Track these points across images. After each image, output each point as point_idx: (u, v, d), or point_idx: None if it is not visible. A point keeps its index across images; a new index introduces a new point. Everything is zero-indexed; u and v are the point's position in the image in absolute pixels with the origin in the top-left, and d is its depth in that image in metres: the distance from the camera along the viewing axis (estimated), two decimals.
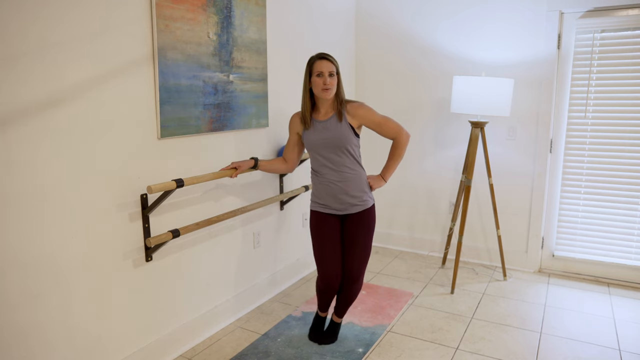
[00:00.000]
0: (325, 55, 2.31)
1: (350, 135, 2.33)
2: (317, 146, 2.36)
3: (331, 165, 2.35)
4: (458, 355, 2.48)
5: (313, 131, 2.37)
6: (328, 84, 2.27)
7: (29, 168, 1.72)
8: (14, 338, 1.73)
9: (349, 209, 2.38)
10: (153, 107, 2.18)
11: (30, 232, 1.74)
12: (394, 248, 4.15)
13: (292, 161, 2.58)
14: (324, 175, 2.37)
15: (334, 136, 2.31)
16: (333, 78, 2.29)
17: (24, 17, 1.65)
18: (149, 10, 2.09)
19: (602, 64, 3.27)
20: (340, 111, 2.33)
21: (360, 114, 2.35)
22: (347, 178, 2.35)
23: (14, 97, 1.65)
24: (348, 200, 2.37)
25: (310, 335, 2.61)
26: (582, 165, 3.42)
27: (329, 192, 2.37)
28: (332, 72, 2.28)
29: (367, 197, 2.42)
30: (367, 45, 4.02)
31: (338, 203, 2.38)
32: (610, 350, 2.53)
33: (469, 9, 3.58)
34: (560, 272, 3.58)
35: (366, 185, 2.42)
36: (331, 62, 2.29)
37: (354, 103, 2.37)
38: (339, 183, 2.35)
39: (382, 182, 2.49)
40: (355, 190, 2.37)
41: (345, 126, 2.32)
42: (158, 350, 2.33)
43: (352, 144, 2.34)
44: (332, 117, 2.34)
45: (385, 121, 2.40)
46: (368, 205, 2.41)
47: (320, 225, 2.42)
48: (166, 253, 2.34)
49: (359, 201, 2.38)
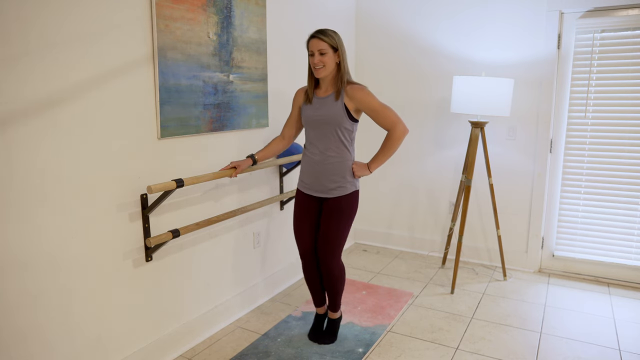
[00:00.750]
0: (317, 33, 2.25)
1: (343, 116, 2.29)
2: (310, 121, 2.36)
3: (318, 144, 2.35)
4: (458, 355, 2.48)
5: (311, 106, 2.37)
6: (317, 62, 2.25)
7: (29, 168, 1.72)
8: (13, 338, 1.73)
9: (327, 193, 2.38)
10: (153, 107, 2.18)
11: (30, 232, 1.74)
12: (394, 248, 4.16)
13: (289, 137, 2.58)
14: (310, 153, 2.39)
15: (326, 114, 2.30)
16: (324, 56, 2.24)
17: (25, 17, 1.65)
18: (149, 10, 2.09)
19: (602, 64, 3.27)
20: (339, 90, 2.30)
21: (358, 96, 2.29)
22: (331, 160, 2.33)
23: (14, 97, 1.65)
24: (327, 183, 2.36)
25: (310, 335, 2.62)
26: (582, 165, 3.42)
27: (312, 171, 2.39)
28: (322, 50, 2.23)
29: (347, 184, 2.37)
30: (367, 45, 4.02)
31: (318, 184, 2.38)
32: (610, 350, 2.53)
33: (469, 9, 3.58)
34: (560, 272, 3.58)
35: (349, 171, 2.37)
36: (321, 40, 2.23)
37: (355, 85, 2.31)
38: (321, 164, 2.35)
39: (367, 172, 2.39)
40: (336, 174, 2.34)
41: (339, 106, 2.29)
42: (158, 350, 2.33)
43: (342, 125, 2.30)
44: (330, 95, 2.33)
45: (382, 109, 2.31)
46: (347, 191, 2.38)
47: (300, 205, 2.49)
48: (166, 253, 2.34)
49: (337, 186, 2.36)
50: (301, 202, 2.49)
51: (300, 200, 2.49)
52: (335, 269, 2.45)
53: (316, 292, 2.60)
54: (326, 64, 2.25)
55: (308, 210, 2.47)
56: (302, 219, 2.48)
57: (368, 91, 2.31)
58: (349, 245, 4.25)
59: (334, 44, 2.25)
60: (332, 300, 2.56)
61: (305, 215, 2.47)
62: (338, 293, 2.53)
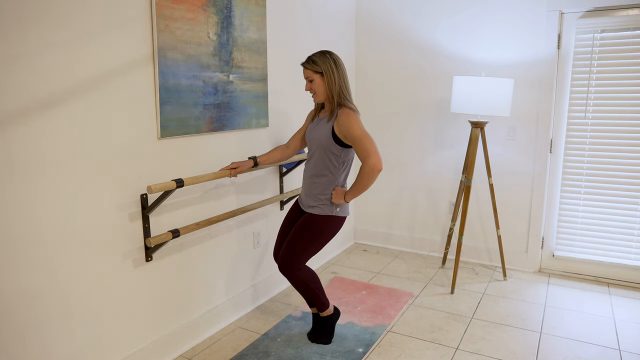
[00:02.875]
0: (305, 61, 2.31)
1: (328, 140, 2.27)
2: (308, 140, 2.45)
3: (311, 162, 2.41)
4: (458, 355, 2.48)
5: (312, 125, 2.46)
6: (307, 90, 2.35)
7: (29, 168, 1.72)
8: (13, 338, 1.73)
9: (306, 207, 2.45)
10: (153, 107, 2.18)
11: (29, 231, 1.74)
12: (394, 248, 4.15)
13: (293, 148, 2.63)
14: (306, 169, 2.47)
15: (316, 135, 2.36)
16: (312, 83, 2.30)
17: (25, 17, 1.65)
18: (149, 10, 2.09)
19: (602, 64, 3.27)
20: (332, 112, 2.31)
21: (341, 122, 2.22)
22: (315, 180, 2.38)
23: (14, 97, 1.65)
24: (307, 200, 2.43)
25: (309, 335, 2.62)
26: (582, 165, 3.42)
27: (303, 185, 2.48)
28: (309, 77, 2.29)
29: (324, 206, 2.35)
30: (367, 45, 4.02)
31: (304, 197, 2.46)
32: (610, 350, 2.53)
33: (469, 9, 3.58)
34: (560, 272, 3.58)
35: (328, 195, 2.35)
36: (306, 68, 2.30)
37: (345, 109, 2.25)
38: (308, 180, 2.42)
39: (342, 201, 2.31)
40: (316, 193, 2.38)
41: (327, 129, 2.29)
42: (158, 350, 2.33)
43: (328, 148, 2.28)
44: (324, 117, 2.37)
45: (360, 139, 2.17)
46: (323, 212, 2.35)
47: (290, 211, 2.62)
48: (166, 253, 2.34)
49: (315, 204, 2.39)
50: (292, 208, 2.61)
51: (292, 207, 2.62)
52: (293, 276, 2.42)
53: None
54: (316, 91, 2.31)
55: (291, 216, 2.58)
56: (284, 223, 2.60)
57: (354, 117, 2.21)
58: (349, 245, 4.25)
59: (317, 69, 2.26)
60: (311, 301, 2.54)
61: (287, 219, 2.59)
62: (311, 296, 2.48)
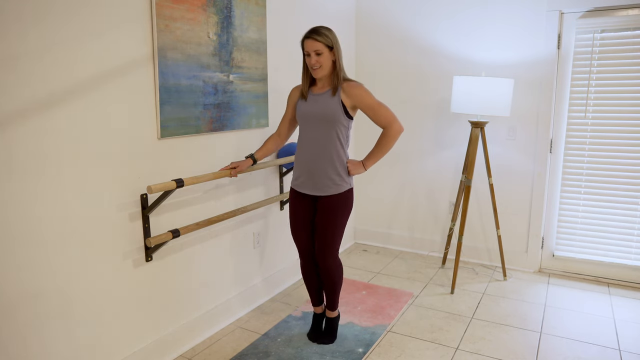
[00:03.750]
0: (311, 33, 2.25)
1: (339, 113, 2.29)
2: (306, 117, 2.36)
3: (313, 141, 2.34)
4: (458, 355, 2.48)
5: (306, 103, 2.37)
6: (314, 63, 2.26)
7: (29, 168, 1.72)
8: (13, 339, 1.73)
9: (322, 191, 2.36)
10: (153, 107, 2.18)
11: (29, 232, 1.74)
12: (394, 248, 4.15)
13: (284, 134, 2.59)
14: (305, 151, 2.37)
15: (322, 110, 2.30)
16: (320, 56, 2.24)
17: (24, 17, 1.65)
18: (149, 10, 2.09)
19: (602, 64, 3.27)
20: (336, 87, 2.30)
21: (355, 93, 2.29)
22: (326, 158, 2.32)
23: (14, 97, 1.65)
24: (322, 181, 2.35)
25: (310, 335, 2.62)
26: (582, 165, 3.42)
27: (305, 171, 2.38)
28: (318, 50, 2.23)
29: (342, 181, 2.37)
30: (367, 45, 4.02)
31: (312, 182, 2.37)
32: (610, 350, 2.53)
33: (469, 9, 3.58)
34: (560, 272, 3.58)
35: (344, 169, 2.37)
36: (316, 40, 2.22)
37: (351, 82, 2.32)
38: (316, 161, 2.34)
39: (362, 169, 2.39)
40: (331, 172, 2.34)
41: (336, 102, 2.29)
42: (158, 350, 2.33)
43: (339, 122, 2.30)
44: (326, 92, 2.33)
45: (379, 107, 2.31)
46: (342, 189, 2.37)
47: (295, 204, 2.48)
48: (166, 253, 2.34)
49: (332, 184, 2.35)
50: (296, 201, 2.47)
51: (295, 199, 2.48)
52: (333, 267, 2.45)
53: (314, 291, 2.60)
54: (323, 64, 2.26)
55: (303, 209, 2.46)
56: (298, 219, 2.48)
57: (365, 88, 2.32)
58: (349, 245, 4.25)
59: (328, 43, 2.24)
60: (330, 299, 2.55)
61: (301, 214, 2.46)
62: (336, 292, 2.53)
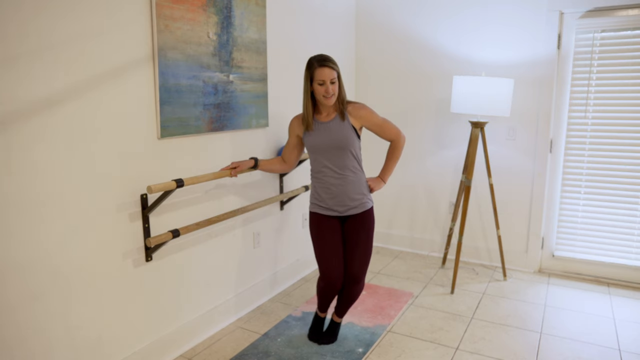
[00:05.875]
0: (325, 62, 2.22)
1: (353, 136, 2.33)
2: (320, 148, 2.33)
3: (333, 167, 2.34)
4: (458, 355, 2.48)
5: (316, 133, 2.34)
6: (330, 91, 2.24)
7: (29, 168, 1.72)
8: (14, 339, 1.73)
9: (349, 211, 2.38)
10: (153, 107, 2.18)
11: (29, 232, 1.74)
12: (394, 248, 4.15)
13: (290, 162, 2.59)
14: (324, 177, 2.36)
15: (337, 137, 2.30)
16: (335, 84, 2.25)
17: (24, 17, 1.65)
18: (149, 10, 2.09)
19: (602, 64, 3.27)
20: (342, 112, 2.31)
21: (362, 115, 2.36)
22: (348, 180, 2.35)
23: (14, 97, 1.65)
24: (348, 202, 2.37)
25: (310, 335, 2.61)
26: (582, 165, 3.42)
27: (330, 193, 2.36)
28: (334, 79, 2.24)
29: (367, 199, 2.43)
30: (367, 45, 4.02)
31: (339, 205, 2.37)
32: (610, 350, 2.53)
33: (468, 9, 3.58)
34: (560, 272, 3.58)
35: (366, 187, 2.43)
36: (332, 69, 2.22)
37: (355, 104, 2.37)
38: (340, 185, 2.34)
39: (382, 184, 2.52)
40: (355, 192, 2.37)
41: (348, 127, 2.32)
42: (158, 350, 2.33)
43: (354, 145, 2.35)
44: (335, 118, 2.33)
45: (385, 123, 2.43)
46: (367, 206, 2.42)
47: (321, 227, 2.41)
48: (166, 253, 2.34)
49: (358, 203, 2.38)
50: (320, 222, 2.41)
51: (320, 221, 2.41)
52: (362, 286, 2.48)
53: (328, 303, 2.57)
54: (336, 92, 2.28)
55: (332, 232, 2.39)
56: (325, 241, 2.39)
57: (369, 108, 2.38)
58: None
59: (339, 70, 2.28)
60: (346, 310, 2.57)
61: (330, 237, 2.39)
62: (353, 305, 2.64)
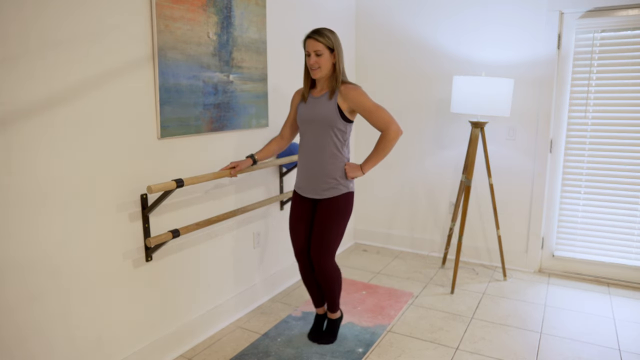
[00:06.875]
0: (313, 33, 2.25)
1: (335, 117, 2.29)
2: (304, 121, 2.37)
3: (311, 144, 2.35)
4: (458, 355, 2.48)
5: (305, 105, 2.38)
6: (313, 64, 2.25)
7: (29, 168, 1.72)
8: (14, 339, 1.73)
9: (320, 194, 2.38)
10: (153, 107, 2.18)
11: (29, 232, 1.74)
12: (394, 248, 4.15)
13: (287, 137, 2.60)
14: (304, 154, 2.40)
15: (318, 113, 2.30)
16: (320, 57, 2.24)
17: (24, 17, 1.65)
18: (149, 10, 2.09)
19: (602, 64, 3.27)
20: (333, 90, 2.29)
21: (351, 96, 2.28)
22: (322, 161, 2.33)
23: (14, 97, 1.65)
24: (320, 184, 2.36)
25: (310, 335, 2.62)
26: (582, 165, 3.42)
27: (305, 172, 2.40)
28: (318, 51, 2.23)
29: (340, 185, 2.37)
30: (367, 45, 4.02)
31: (311, 186, 2.39)
32: (610, 350, 2.53)
33: (468, 9, 3.58)
34: (560, 272, 3.58)
35: (341, 172, 2.37)
36: (317, 41, 2.22)
37: (349, 85, 2.31)
38: (314, 164, 2.35)
39: (359, 173, 2.37)
40: (328, 175, 2.34)
41: (332, 105, 2.29)
42: (158, 350, 2.33)
43: (335, 125, 2.30)
44: (324, 95, 2.33)
45: (376, 109, 2.29)
46: (339, 192, 2.37)
47: (295, 206, 2.51)
48: (166, 253, 2.34)
49: (330, 187, 2.36)
50: (296, 203, 2.50)
51: (296, 201, 2.51)
52: (329, 270, 2.44)
53: (314, 293, 2.59)
54: (322, 65, 2.26)
55: (303, 212, 2.47)
56: (296, 221, 2.49)
57: (362, 91, 2.30)
58: (349, 245, 4.25)
59: (330, 44, 2.24)
60: (329, 301, 2.55)
61: (300, 216, 2.48)
62: (334, 294, 2.52)
